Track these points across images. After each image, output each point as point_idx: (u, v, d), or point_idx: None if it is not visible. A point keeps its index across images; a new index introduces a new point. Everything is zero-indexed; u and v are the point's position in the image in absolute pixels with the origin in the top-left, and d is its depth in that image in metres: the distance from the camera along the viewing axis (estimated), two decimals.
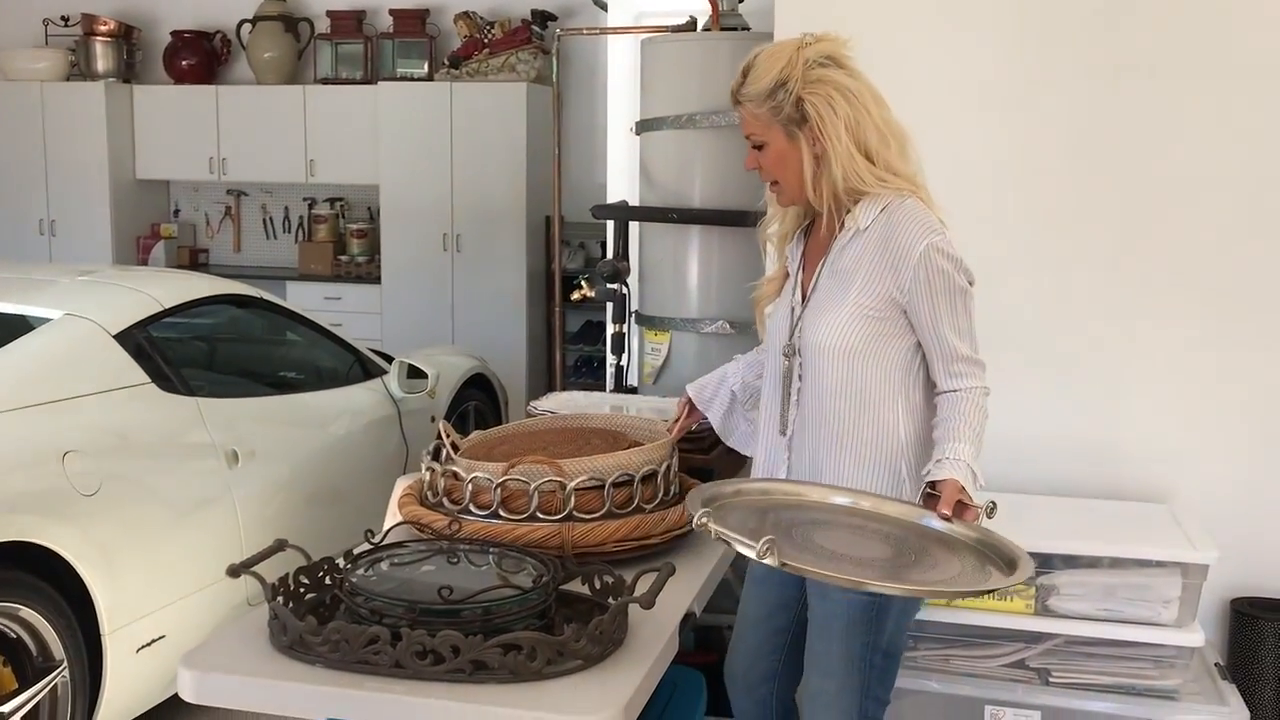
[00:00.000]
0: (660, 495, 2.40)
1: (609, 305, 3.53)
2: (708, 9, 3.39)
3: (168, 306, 3.40)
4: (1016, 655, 2.20)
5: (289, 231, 7.51)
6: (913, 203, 2.03)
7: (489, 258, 6.53)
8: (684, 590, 2.20)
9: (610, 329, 3.57)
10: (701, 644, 2.86)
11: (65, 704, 2.67)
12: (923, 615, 2.21)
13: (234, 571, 2.01)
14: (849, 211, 2.07)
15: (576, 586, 2.14)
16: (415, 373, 4.03)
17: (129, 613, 2.82)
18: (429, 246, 6.65)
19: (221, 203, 7.60)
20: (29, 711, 2.60)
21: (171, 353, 3.39)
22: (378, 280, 6.84)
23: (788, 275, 2.26)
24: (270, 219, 7.56)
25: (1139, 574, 2.13)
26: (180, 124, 7.18)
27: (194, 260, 7.48)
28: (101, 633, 2.75)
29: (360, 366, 4.09)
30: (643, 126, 3.38)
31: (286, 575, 2.07)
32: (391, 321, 6.76)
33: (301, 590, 2.10)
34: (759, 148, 2.06)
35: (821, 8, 2.66)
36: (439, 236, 6.64)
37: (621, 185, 3.80)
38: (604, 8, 4.14)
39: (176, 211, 7.69)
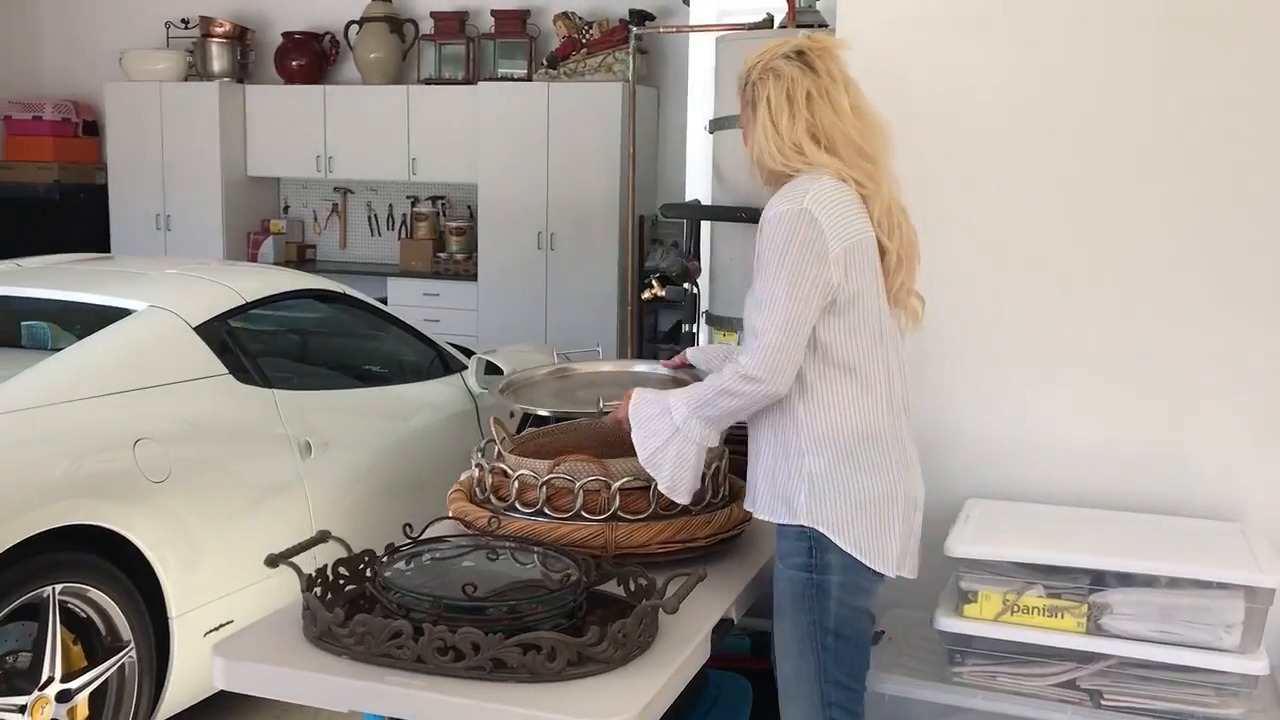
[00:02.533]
0: (708, 498, 2.37)
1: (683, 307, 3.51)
2: (785, 6, 3.34)
3: (249, 300, 3.48)
4: (1067, 675, 2.11)
5: (392, 229, 7.66)
6: (804, 178, 2.01)
7: (583, 256, 6.56)
8: (721, 595, 2.17)
9: (685, 328, 3.55)
10: (758, 650, 2.82)
11: (132, 684, 2.76)
12: (968, 629, 2.14)
13: (272, 562, 2.05)
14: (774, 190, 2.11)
15: (614, 588, 2.13)
16: (492, 369, 4.06)
17: (197, 597, 2.90)
18: (524, 245, 6.71)
19: (329, 200, 7.78)
20: (98, 689, 2.70)
21: (251, 345, 3.47)
22: (475, 277, 6.93)
23: None
24: (375, 216, 7.72)
25: (1200, 595, 2.03)
26: (289, 123, 7.37)
27: (301, 256, 7.67)
28: (169, 616, 2.83)
29: (440, 362, 4.13)
30: (715, 125, 3.34)
31: (325, 567, 2.10)
32: (486, 318, 6.84)
33: (341, 582, 2.13)
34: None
35: (882, 5, 2.60)
36: (534, 235, 6.70)
37: (700, 184, 3.77)
38: (686, 3, 4.12)
39: (286, 208, 7.90)
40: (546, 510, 2.30)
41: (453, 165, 7.04)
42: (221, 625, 2.98)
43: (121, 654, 2.72)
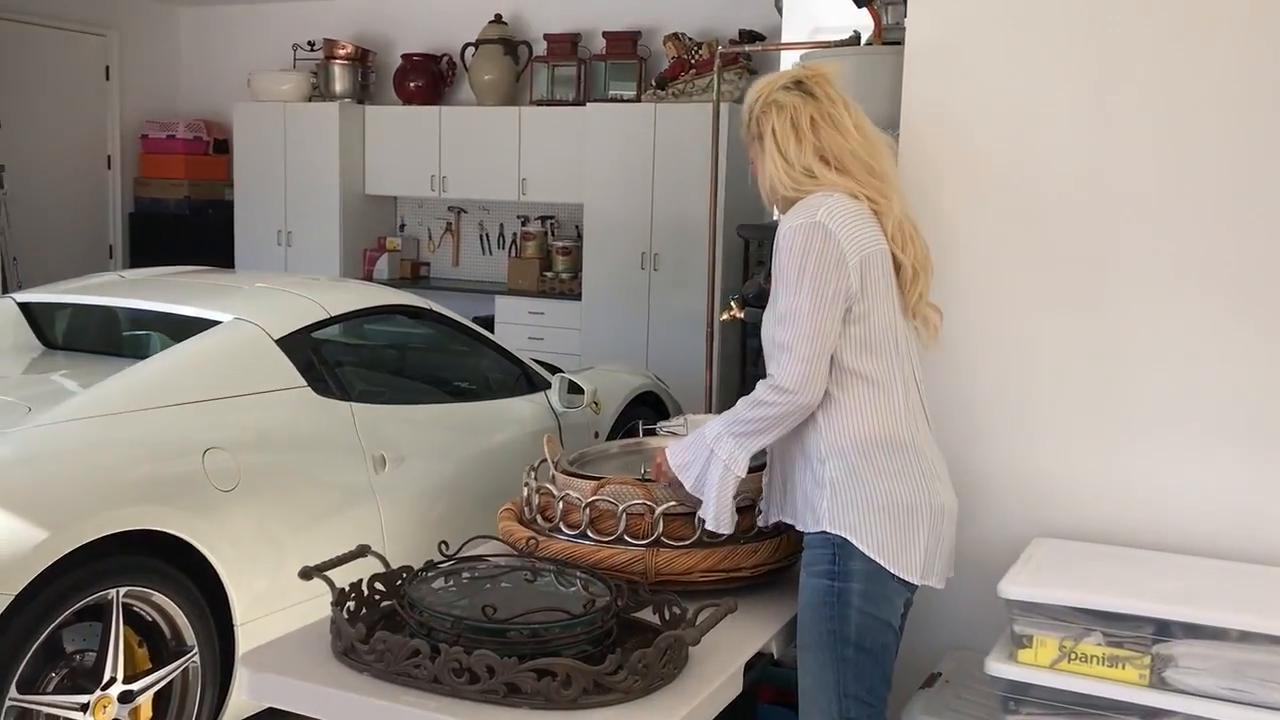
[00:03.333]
0: (756, 527, 2.29)
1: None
2: (873, 25, 3.26)
3: (334, 314, 3.53)
4: None
5: (503, 248, 7.74)
6: (817, 195, 2.05)
7: (684, 276, 6.52)
8: (760, 629, 2.09)
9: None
10: None
11: (195, 688, 2.81)
12: (1022, 676, 2.02)
13: (306, 574, 2.06)
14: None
15: (652, 616, 2.07)
16: (575, 388, 4.04)
17: (262, 606, 2.94)
18: (628, 264, 6.70)
19: (443, 219, 7.91)
20: (161, 692, 2.75)
21: (333, 358, 3.52)
22: (579, 297, 6.95)
23: None
24: (486, 235, 7.82)
25: (1274, 652, 1.87)
26: (406, 143, 7.53)
27: (415, 273, 7.81)
28: (234, 623, 2.87)
29: (525, 379, 4.14)
30: None
31: (359, 581, 2.10)
32: (589, 337, 6.85)
33: (376, 597, 2.12)
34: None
35: (953, 22, 2.50)
36: (638, 255, 6.69)
37: None
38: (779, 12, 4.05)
39: (402, 226, 8.06)
40: (590, 533, 2.26)
41: (561, 185, 7.09)
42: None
43: (185, 658, 2.77)
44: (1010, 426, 2.49)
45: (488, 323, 6.93)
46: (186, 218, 8.07)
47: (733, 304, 3.50)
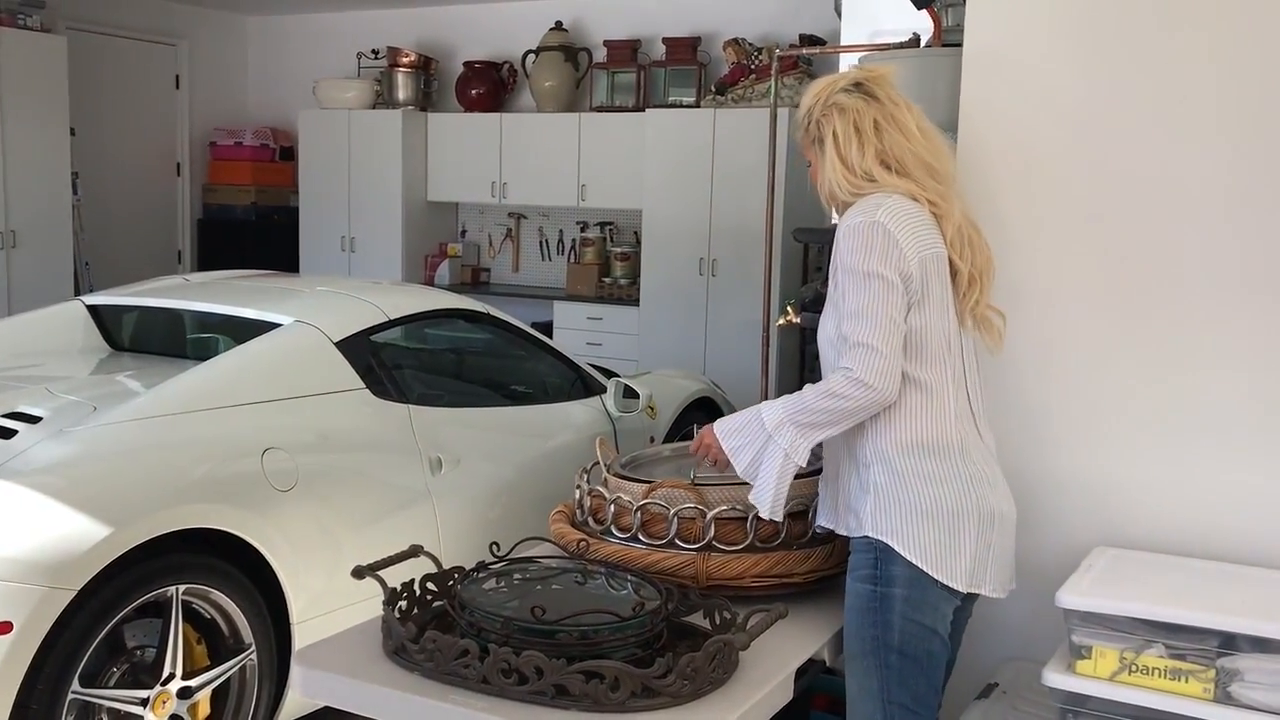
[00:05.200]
0: (810, 532, 2.27)
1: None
2: (932, 28, 3.22)
3: (393, 318, 3.56)
4: None
5: (562, 254, 7.77)
6: (877, 195, 2.03)
7: (742, 282, 6.49)
8: (809, 635, 2.07)
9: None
10: None
11: (253, 686, 2.84)
12: (1081, 688, 1.97)
13: (359, 573, 2.07)
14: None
15: (703, 621, 2.06)
16: (630, 393, 4.04)
17: (319, 605, 2.96)
18: (685, 270, 6.70)
19: (503, 224, 7.96)
20: (220, 688, 2.78)
21: (392, 360, 3.55)
22: (637, 302, 6.95)
23: None
24: (546, 241, 7.85)
25: None
26: (467, 149, 7.59)
27: (475, 279, 7.87)
28: (291, 622, 2.90)
29: (581, 383, 4.15)
30: None
31: (411, 581, 2.11)
32: (647, 343, 6.85)
33: (429, 598, 2.13)
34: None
35: (1013, 24, 2.46)
36: (696, 261, 6.68)
37: None
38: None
39: (463, 232, 8.12)
40: (641, 536, 2.25)
41: (620, 191, 7.10)
42: None
43: (242, 656, 2.80)
44: (1073, 432, 2.44)
45: (546, 328, 6.95)
46: (253, 223, 8.21)
47: (789, 309, 3.48)
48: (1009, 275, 2.36)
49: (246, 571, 2.81)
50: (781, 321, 3.52)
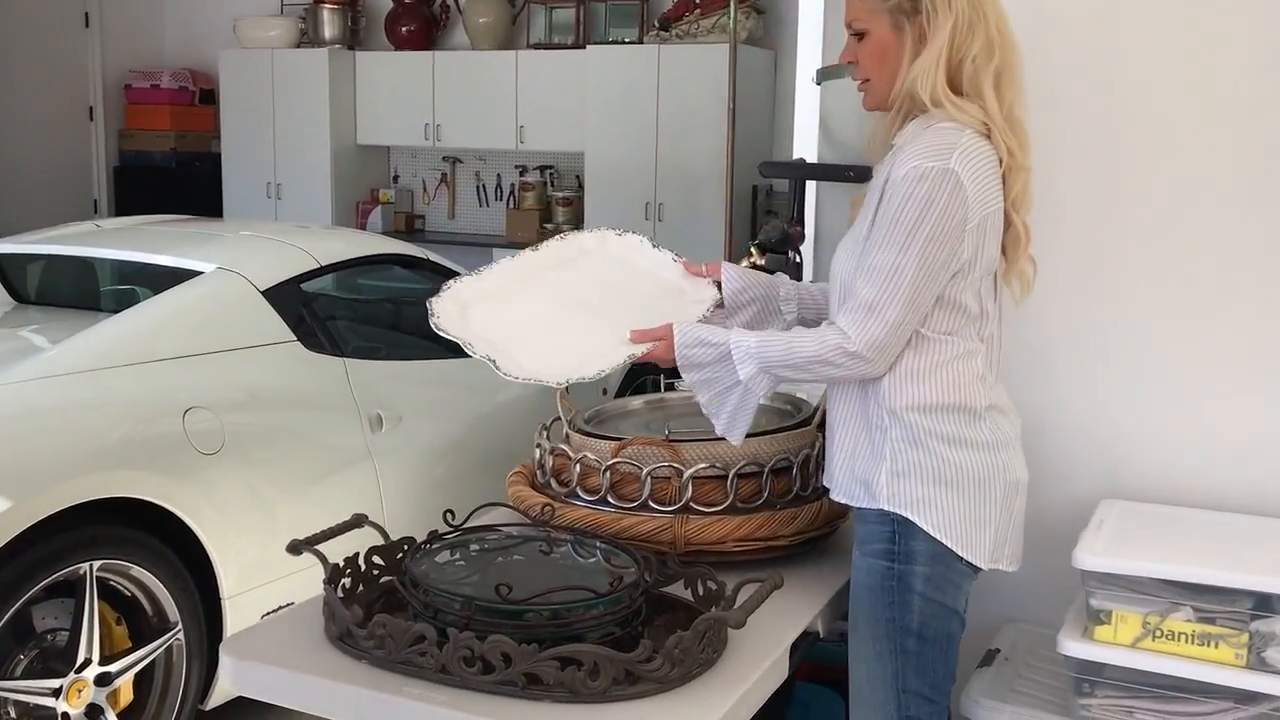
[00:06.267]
0: (795, 490, 2.07)
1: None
2: None
3: (324, 264, 3.30)
4: (1221, 715, 1.76)
5: (500, 199, 7.48)
6: (949, 130, 1.70)
7: (691, 226, 6.27)
8: (804, 604, 1.87)
9: None
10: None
11: (180, 668, 2.60)
12: (1100, 656, 1.80)
13: (295, 548, 1.83)
14: (900, 128, 1.81)
15: (682, 591, 1.85)
16: None
17: (253, 577, 2.72)
18: (631, 215, 6.44)
19: (437, 169, 7.64)
20: (143, 672, 2.54)
21: (324, 311, 3.30)
22: None
23: None
24: (483, 186, 7.55)
25: None
26: (399, 90, 7.24)
27: (410, 226, 7.55)
28: (221, 597, 2.66)
29: None
30: (824, 75, 3.02)
31: (355, 555, 1.88)
32: None
33: (375, 573, 1.90)
34: (859, 36, 1.79)
35: None
36: (641, 205, 6.44)
37: (806, 143, 3.44)
38: None
39: (395, 177, 7.78)
40: (610, 499, 2.03)
41: (561, 133, 6.81)
42: (281, 607, 2.79)
43: (168, 636, 2.56)
44: (1076, 377, 2.26)
45: None
46: (173, 171, 7.80)
47: (752, 250, 3.25)
48: None
49: (170, 543, 2.56)
50: (745, 264, 3.29)
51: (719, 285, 2.03)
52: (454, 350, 3.74)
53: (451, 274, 3.76)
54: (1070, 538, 1.98)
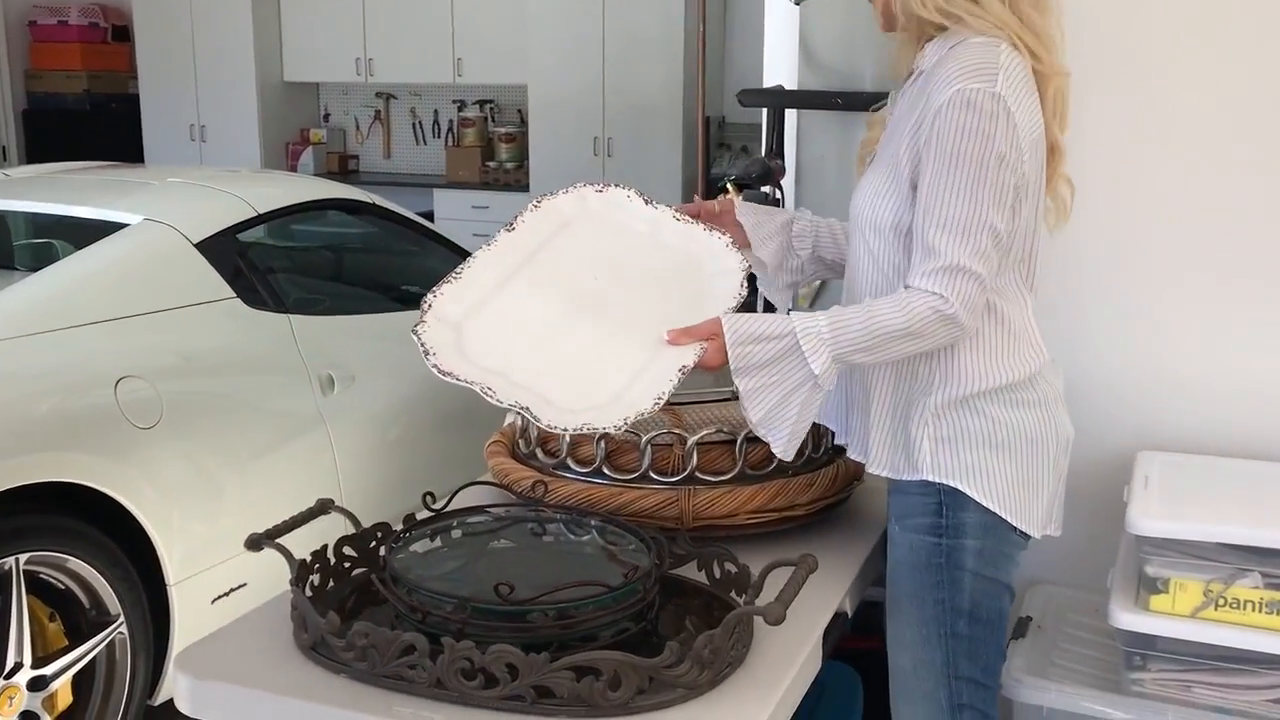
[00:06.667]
0: (808, 453, 1.87)
1: None
2: None
3: (261, 212, 3.03)
4: None
5: (438, 136, 7.15)
6: (985, 48, 1.49)
7: (643, 162, 6.02)
8: (831, 584, 1.68)
9: None
10: (859, 626, 2.33)
11: (125, 663, 2.36)
12: (1158, 630, 1.64)
13: (254, 544, 1.60)
14: (920, 51, 1.59)
15: (692, 572, 1.66)
16: None
17: (200, 560, 2.49)
18: (578, 151, 6.18)
19: (371, 106, 7.29)
20: (85, 671, 2.30)
21: (264, 263, 3.03)
22: (526, 188, 6.42)
23: None
24: (419, 123, 7.22)
25: None
26: (327, 22, 6.86)
27: (343, 167, 7.21)
28: (167, 583, 2.42)
29: None
30: None
31: (324, 548, 1.65)
32: None
33: (346, 566, 1.68)
34: None
35: None
36: (589, 140, 6.17)
37: (780, 71, 3.22)
38: None
39: (326, 116, 7.42)
40: (606, 470, 1.82)
41: (501, 66, 6.50)
42: (232, 590, 2.57)
43: (109, 630, 2.32)
44: (1106, 323, 2.09)
45: (426, 220, 6.38)
46: (87, 114, 7.35)
47: (729, 187, 3.03)
48: None
49: (107, 529, 2.31)
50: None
51: (727, 245, 1.78)
52: (404, 301, 3.53)
53: (397, 218, 3.50)
54: (1101, 494, 1.81)
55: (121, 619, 2.33)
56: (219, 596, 2.54)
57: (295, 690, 1.40)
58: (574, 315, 1.67)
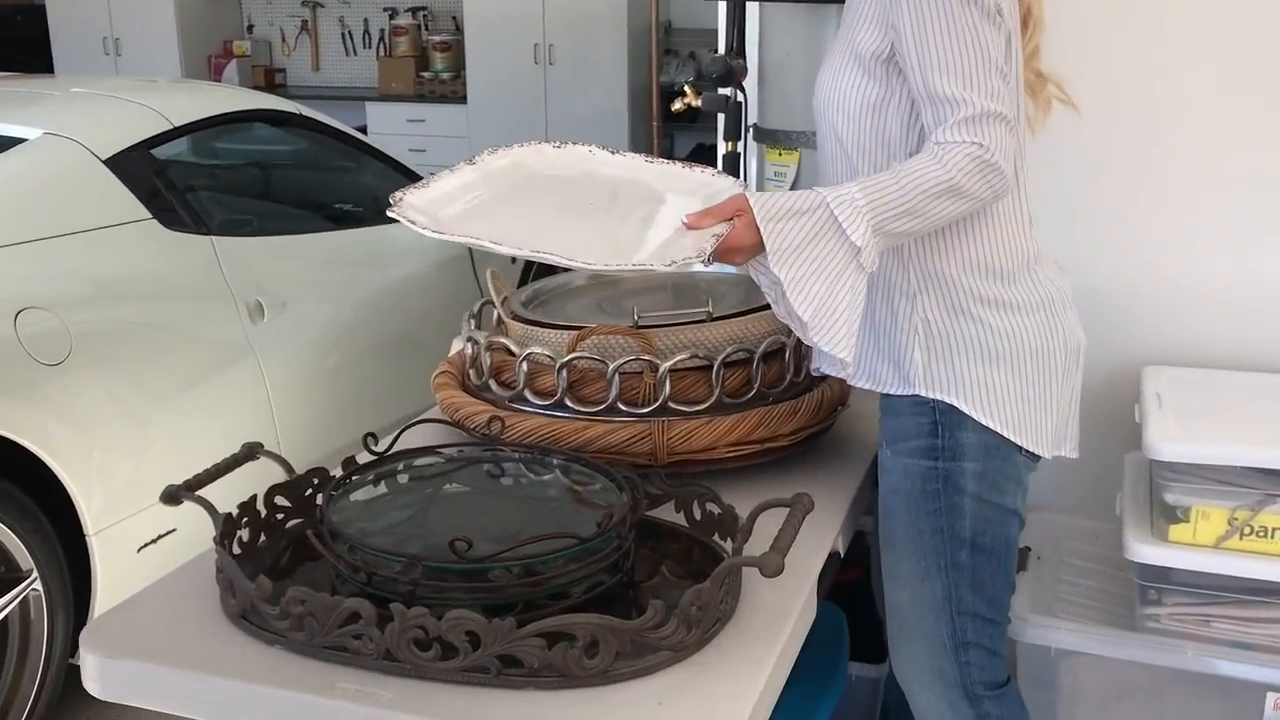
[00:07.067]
0: (789, 378, 1.71)
1: (720, 118, 2.77)
2: None
3: (178, 125, 2.77)
4: None
5: (369, 47, 6.81)
6: None
7: (586, 71, 5.75)
8: (824, 522, 1.52)
9: (721, 148, 2.82)
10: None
11: (41, 622, 2.16)
12: (1179, 562, 1.51)
13: (172, 497, 1.41)
14: None
15: (669, 513, 1.49)
16: None
17: (124, 505, 2.29)
18: (518, 60, 5.89)
19: (297, 15, 6.91)
20: None
21: (182, 181, 2.78)
22: (464, 99, 6.13)
23: None
24: (349, 33, 6.86)
25: None
26: None
27: (270, 81, 6.86)
28: (86, 533, 2.21)
29: None
30: None
31: (253, 499, 1.46)
32: (478, 145, 6.01)
33: (280, 518, 1.49)
34: None
35: None
36: (529, 48, 5.87)
37: None
38: None
39: (250, 27, 7.03)
40: (569, 402, 1.64)
41: None
42: (161, 536, 2.38)
43: (21, 588, 2.11)
44: (1105, 228, 1.93)
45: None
46: None
47: (686, 89, 2.82)
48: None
49: (15, 477, 2.09)
50: (678, 106, 2.86)
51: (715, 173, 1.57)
52: (338, 220, 3.30)
53: (327, 129, 3.26)
54: (1097, 411, 1.67)
55: (35, 575, 2.13)
56: (146, 544, 2.35)
57: (222, 667, 1.21)
58: (563, 216, 1.46)
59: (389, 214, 1.38)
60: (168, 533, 2.39)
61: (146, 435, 2.35)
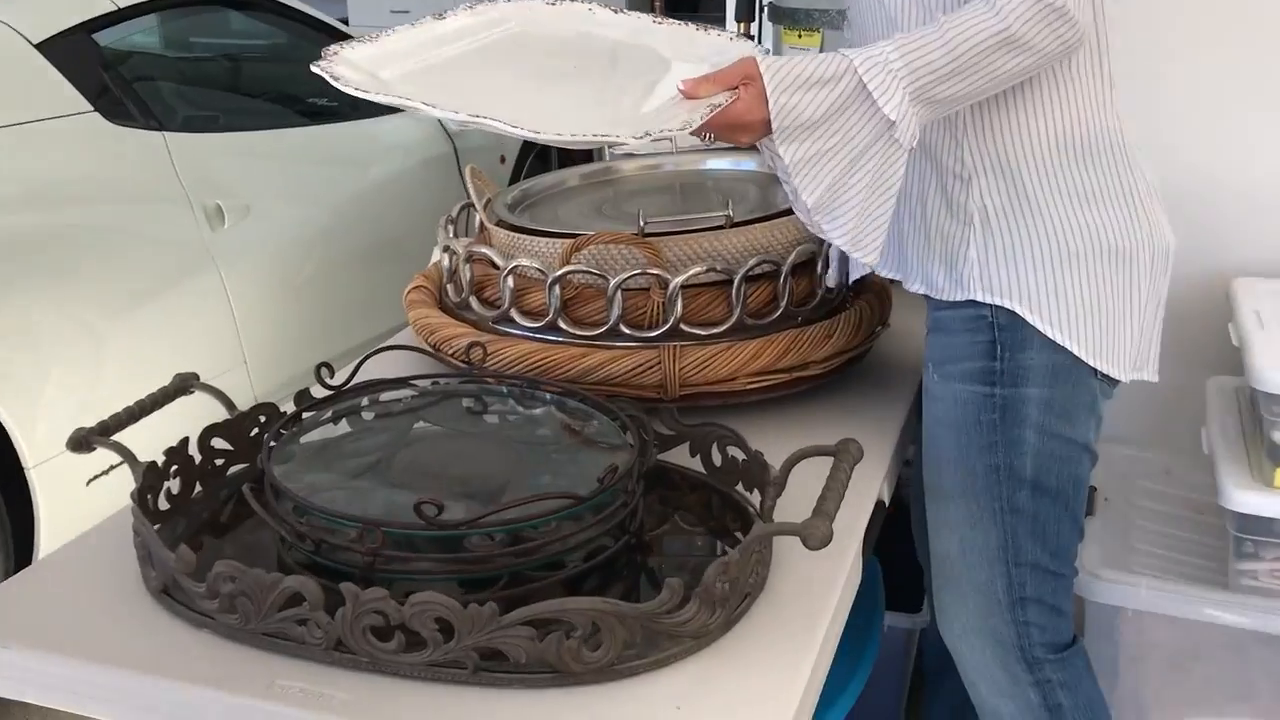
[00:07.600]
0: (820, 295, 1.46)
1: None
2: None
3: (124, 5, 2.48)
4: None
5: None
6: None
7: None
8: (867, 470, 1.27)
9: (732, 30, 2.55)
10: None
11: None
12: (1273, 510, 1.28)
13: (82, 444, 1.17)
14: None
15: (682, 457, 1.25)
16: None
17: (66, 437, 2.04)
18: None
19: None
20: None
21: (131, 71, 2.50)
22: None
23: None
24: None
25: None
26: None
27: None
28: (24, 465, 1.99)
29: None
30: None
31: (184, 443, 1.22)
32: None
33: (220, 464, 1.25)
34: None
35: None
36: None
37: None
38: None
39: None
40: (563, 324, 1.39)
41: None
42: (113, 467, 2.14)
43: None
44: (1192, 112, 1.67)
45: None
46: None
47: None
48: None
49: None
50: None
51: (732, 37, 1.31)
52: (311, 115, 3.01)
53: (295, 14, 2.96)
54: (1176, 327, 1.43)
55: None
56: (96, 476, 2.12)
57: (140, 660, 0.99)
58: (536, 82, 1.20)
59: (313, 67, 1.12)
60: (120, 464, 2.16)
61: (94, 355, 2.11)
